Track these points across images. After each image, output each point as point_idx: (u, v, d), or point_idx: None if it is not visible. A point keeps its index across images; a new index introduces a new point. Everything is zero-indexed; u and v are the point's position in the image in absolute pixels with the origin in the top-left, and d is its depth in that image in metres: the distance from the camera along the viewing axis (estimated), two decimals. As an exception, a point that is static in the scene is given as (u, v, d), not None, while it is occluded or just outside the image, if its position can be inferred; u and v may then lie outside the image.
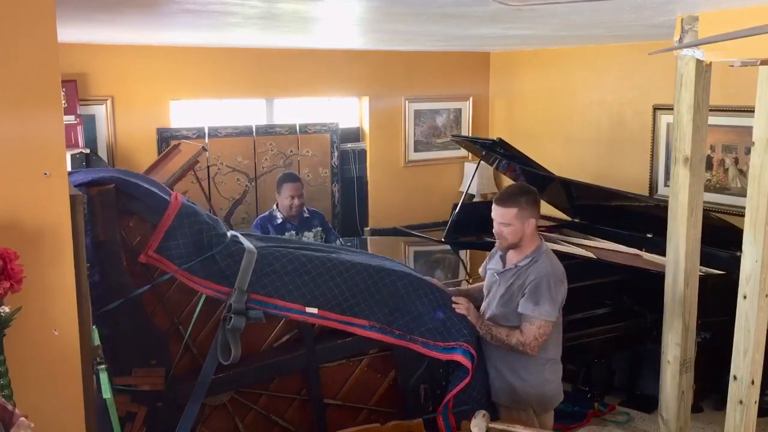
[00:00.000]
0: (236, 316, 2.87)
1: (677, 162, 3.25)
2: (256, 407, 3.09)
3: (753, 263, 2.93)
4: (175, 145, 4.95)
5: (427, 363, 3.16)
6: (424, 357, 3.14)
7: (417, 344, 3.10)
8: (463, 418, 2.89)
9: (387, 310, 3.08)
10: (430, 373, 3.19)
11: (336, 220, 6.66)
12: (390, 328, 3.07)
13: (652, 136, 5.83)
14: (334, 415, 3.15)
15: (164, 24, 4.08)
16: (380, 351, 3.19)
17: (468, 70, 7.31)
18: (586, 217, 5.59)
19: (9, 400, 1.91)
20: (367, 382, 3.21)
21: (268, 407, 3.11)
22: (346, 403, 3.18)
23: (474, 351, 3.11)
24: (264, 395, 3.09)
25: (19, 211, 2.04)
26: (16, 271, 1.89)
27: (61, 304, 2.12)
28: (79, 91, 5.47)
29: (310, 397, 3.12)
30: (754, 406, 3.06)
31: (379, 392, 3.23)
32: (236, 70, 6.20)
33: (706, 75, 3.14)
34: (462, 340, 3.10)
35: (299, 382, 3.13)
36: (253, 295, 2.92)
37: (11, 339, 1.97)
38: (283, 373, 3.09)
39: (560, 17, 3.66)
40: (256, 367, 3.03)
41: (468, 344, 3.10)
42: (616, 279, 4.45)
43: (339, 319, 3.03)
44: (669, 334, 3.39)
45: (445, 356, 3.12)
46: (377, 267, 3.18)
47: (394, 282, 3.14)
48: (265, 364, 3.04)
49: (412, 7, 3.21)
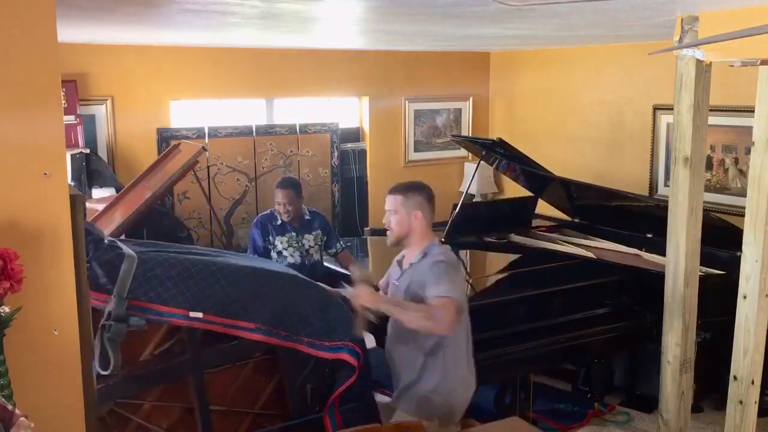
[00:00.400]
0: (116, 323, 2.77)
1: (677, 162, 3.25)
2: (137, 418, 2.96)
3: (753, 263, 2.93)
4: (175, 145, 4.95)
5: (314, 363, 3.11)
6: (310, 357, 3.08)
7: (303, 344, 3.04)
8: (349, 417, 2.88)
9: (273, 311, 3.01)
10: (316, 374, 3.13)
11: (336, 220, 6.66)
12: (276, 329, 3.00)
13: (652, 136, 5.83)
14: (219, 422, 3.06)
15: (164, 24, 4.08)
16: (265, 354, 3.12)
17: (468, 70, 7.31)
18: (586, 217, 5.59)
19: (9, 400, 1.91)
20: (253, 386, 3.14)
21: (150, 418, 2.99)
22: (231, 408, 3.10)
23: (360, 349, 3.07)
24: (145, 405, 2.98)
25: (19, 211, 2.04)
26: (16, 271, 1.89)
27: (61, 304, 2.12)
28: (79, 91, 5.47)
29: (194, 405, 3.02)
30: (754, 406, 3.07)
31: (264, 396, 3.16)
32: (236, 70, 6.20)
33: (706, 75, 3.14)
34: (348, 339, 3.05)
35: (183, 389, 3.02)
36: (134, 302, 2.82)
37: (11, 339, 1.97)
38: (166, 381, 2.99)
39: (560, 17, 3.66)
40: (137, 376, 2.92)
41: (354, 343, 3.06)
42: (616, 279, 4.45)
43: (224, 323, 2.95)
44: (669, 334, 3.39)
45: (332, 355, 3.06)
46: (262, 269, 3.13)
47: (280, 283, 3.09)
48: (146, 373, 2.94)
49: (412, 7, 3.21)
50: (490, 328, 3.99)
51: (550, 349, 4.05)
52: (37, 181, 2.05)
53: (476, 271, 5.04)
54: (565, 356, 4.26)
